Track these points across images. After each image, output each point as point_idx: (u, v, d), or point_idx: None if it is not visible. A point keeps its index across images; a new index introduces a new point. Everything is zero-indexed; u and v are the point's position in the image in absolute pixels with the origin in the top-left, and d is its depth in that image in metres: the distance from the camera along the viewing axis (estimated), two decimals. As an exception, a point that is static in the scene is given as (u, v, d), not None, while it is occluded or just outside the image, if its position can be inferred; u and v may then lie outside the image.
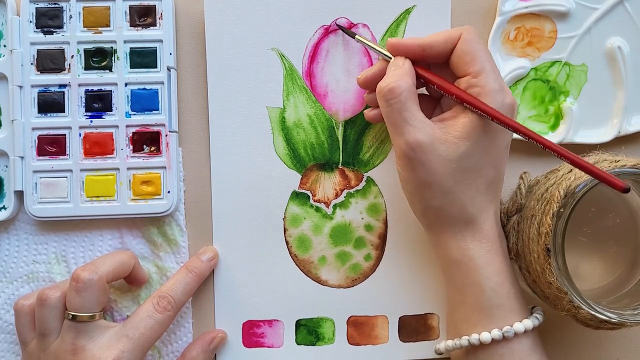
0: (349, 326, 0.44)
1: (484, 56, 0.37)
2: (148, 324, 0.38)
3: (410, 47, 0.38)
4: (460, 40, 0.37)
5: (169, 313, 0.39)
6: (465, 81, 0.37)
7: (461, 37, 0.37)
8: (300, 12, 0.43)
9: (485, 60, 0.37)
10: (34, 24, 0.42)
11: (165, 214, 0.43)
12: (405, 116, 0.36)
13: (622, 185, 0.32)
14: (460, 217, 0.38)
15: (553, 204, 0.36)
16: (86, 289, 0.38)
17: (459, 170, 0.36)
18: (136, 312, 0.39)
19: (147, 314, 0.39)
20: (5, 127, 0.43)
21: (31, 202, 0.42)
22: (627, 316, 0.36)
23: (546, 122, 0.44)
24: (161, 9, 0.42)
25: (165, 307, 0.39)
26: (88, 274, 0.38)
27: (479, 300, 0.37)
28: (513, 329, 0.36)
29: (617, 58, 0.43)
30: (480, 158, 0.37)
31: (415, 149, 0.36)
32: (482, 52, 0.37)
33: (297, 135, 0.44)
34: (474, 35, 0.37)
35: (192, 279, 0.41)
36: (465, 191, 0.37)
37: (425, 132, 0.36)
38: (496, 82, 0.36)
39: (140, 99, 0.43)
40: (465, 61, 0.37)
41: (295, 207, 0.44)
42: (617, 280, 0.40)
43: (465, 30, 0.37)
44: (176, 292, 0.40)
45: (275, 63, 0.44)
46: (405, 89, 0.36)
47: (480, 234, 0.38)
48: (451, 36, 0.37)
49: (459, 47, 0.37)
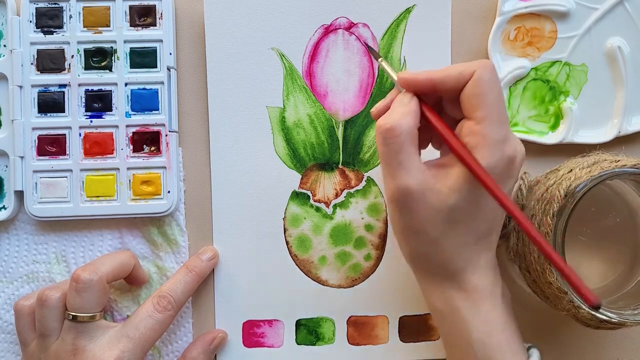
0: (349, 326, 0.44)
1: (492, 100, 0.34)
2: (148, 324, 0.38)
3: (421, 82, 0.35)
4: (471, 79, 0.34)
5: (169, 312, 0.39)
6: (468, 126, 0.34)
7: (474, 76, 0.34)
8: (300, 11, 0.43)
9: (492, 106, 0.34)
10: (34, 24, 0.42)
11: (165, 214, 0.43)
12: (400, 159, 0.34)
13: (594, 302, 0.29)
14: (446, 267, 0.36)
15: (553, 204, 0.36)
16: (86, 289, 0.38)
17: (448, 222, 0.34)
18: (136, 312, 0.39)
19: (147, 314, 0.39)
20: (5, 127, 0.43)
21: (31, 202, 0.42)
22: (627, 316, 0.36)
23: (546, 122, 0.44)
24: (161, 9, 0.42)
25: (166, 307, 0.39)
26: (88, 274, 0.38)
27: (468, 352, 0.36)
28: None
29: (617, 58, 0.43)
30: (471, 212, 0.35)
31: (405, 195, 0.34)
32: (491, 96, 0.34)
33: (297, 135, 0.44)
34: (487, 73, 0.34)
35: (192, 278, 0.41)
36: (452, 243, 0.35)
37: (418, 178, 0.34)
38: (499, 132, 0.33)
39: (140, 98, 0.43)
40: (471, 104, 0.34)
41: (295, 207, 0.44)
42: (617, 280, 0.40)
43: (481, 67, 0.34)
44: (176, 292, 0.40)
45: (275, 63, 0.44)
46: (405, 130, 0.34)
47: (467, 285, 0.36)
48: (464, 72, 0.34)
49: (469, 87, 0.34)
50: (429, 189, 0.34)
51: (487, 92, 0.34)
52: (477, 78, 0.34)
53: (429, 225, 0.35)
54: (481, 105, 0.33)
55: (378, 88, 0.44)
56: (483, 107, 0.33)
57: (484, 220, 0.35)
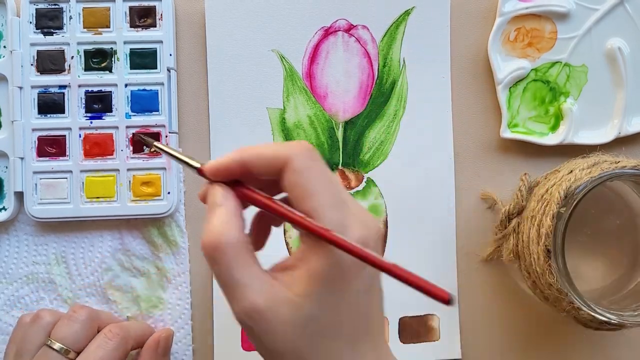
0: (349, 327, 0.44)
1: (318, 187, 0.29)
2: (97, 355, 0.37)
3: (232, 169, 0.30)
4: (287, 170, 0.29)
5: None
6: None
7: (288, 165, 0.29)
8: (300, 13, 0.43)
9: (320, 194, 0.29)
10: (34, 25, 0.42)
11: (165, 214, 0.43)
12: (236, 277, 0.28)
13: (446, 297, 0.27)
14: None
15: (553, 205, 0.36)
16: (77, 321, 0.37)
17: (311, 335, 0.29)
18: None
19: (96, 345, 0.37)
20: (5, 128, 0.43)
21: (31, 203, 0.42)
22: (627, 317, 0.36)
23: (546, 122, 0.44)
24: (161, 9, 0.42)
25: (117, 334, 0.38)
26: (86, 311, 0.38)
27: None
28: None
29: (617, 59, 0.43)
30: (332, 316, 0.29)
31: (253, 317, 0.28)
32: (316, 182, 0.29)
33: (297, 136, 0.44)
34: (303, 159, 0.29)
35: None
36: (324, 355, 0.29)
37: (263, 293, 0.28)
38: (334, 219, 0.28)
39: (140, 99, 0.43)
40: (296, 195, 0.29)
41: (295, 208, 0.44)
42: (617, 281, 0.40)
43: (295, 155, 0.29)
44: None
45: (276, 64, 0.44)
46: (231, 242, 0.28)
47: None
48: (277, 158, 0.29)
49: (288, 178, 0.29)
50: (279, 302, 0.28)
51: (308, 180, 0.29)
52: (294, 168, 0.29)
53: (290, 343, 0.29)
54: (307, 196, 0.29)
55: (378, 89, 0.44)
56: (309, 197, 0.28)
57: (351, 320, 0.29)
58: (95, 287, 0.43)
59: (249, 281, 0.28)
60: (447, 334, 0.44)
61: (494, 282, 0.45)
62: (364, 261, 0.27)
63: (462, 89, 0.45)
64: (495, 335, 0.45)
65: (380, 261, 0.27)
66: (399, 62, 0.44)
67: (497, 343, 0.45)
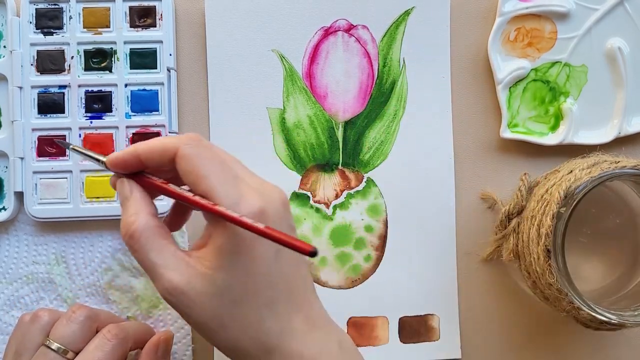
0: (349, 327, 0.44)
1: (208, 169, 0.31)
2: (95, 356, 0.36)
3: (128, 160, 0.33)
4: (177, 159, 0.31)
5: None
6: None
7: (177, 155, 0.31)
8: (300, 13, 0.43)
9: (211, 175, 0.31)
10: (33, 25, 0.42)
11: (165, 214, 0.43)
12: (153, 259, 0.31)
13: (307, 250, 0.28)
14: (257, 350, 0.32)
15: (553, 205, 0.36)
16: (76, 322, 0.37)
17: (228, 304, 0.31)
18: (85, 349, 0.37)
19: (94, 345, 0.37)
20: (5, 128, 0.43)
21: (31, 203, 0.42)
22: (627, 317, 0.36)
23: (546, 122, 0.44)
24: (161, 9, 0.42)
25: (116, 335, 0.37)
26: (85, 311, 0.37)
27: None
28: None
29: (617, 59, 0.43)
30: (245, 284, 0.31)
31: (173, 293, 0.31)
32: (206, 165, 0.31)
33: (297, 136, 0.44)
34: (191, 147, 0.31)
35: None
36: (247, 323, 0.31)
37: (179, 271, 0.31)
38: (229, 195, 0.30)
39: (140, 99, 0.43)
40: (190, 181, 0.31)
41: (295, 207, 0.44)
42: (618, 281, 0.40)
43: (182, 144, 0.31)
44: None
45: (276, 64, 0.44)
46: (143, 229, 0.31)
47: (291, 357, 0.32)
48: (166, 149, 0.32)
49: (180, 167, 0.31)
50: (194, 277, 0.31)
51: (197, 164, 0.31)
52: (182, 155, 0.31)
53: (212, 315, 0.31)
54: (199, 179, 0.31)
55: (377, 89, 0.44)
56: (202, 180, 0.31)
57: (264, 286, 0.31)
58: (95, 287, 0.43)
59: (165, 262, 0.31)
60: (447, 334, 0.44)
61: (494, 282, 0.45)
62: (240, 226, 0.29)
63: (462, 89, 0.45)
64: (495, 335, 0.45)
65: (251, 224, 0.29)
66: (398, 62, 0.44)
67: (497, 343, 0.45)
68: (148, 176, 0.33)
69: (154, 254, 0.31)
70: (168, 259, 0.31)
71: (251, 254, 0.31)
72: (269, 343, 0.32)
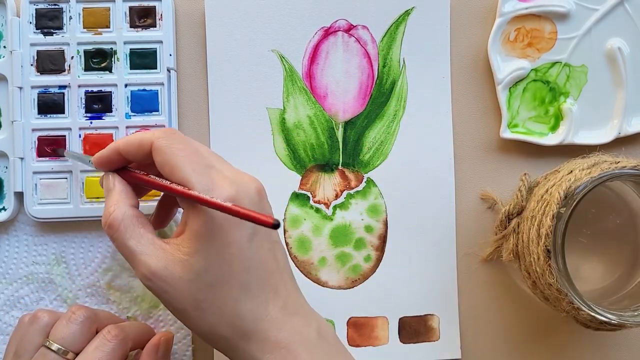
0: (349, 327, 0.44)
1: (181, 160, 0.33)
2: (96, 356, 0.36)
3: (110, 156, 0.35)
4: (152, 153, 0.33)
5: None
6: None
7: (153, 148, 0.33)
8: (300, 14, 0.43)
9: (183, 165, 0.32)
10: (33, 25, 0.42)
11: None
12: (131, 246, 0.33)
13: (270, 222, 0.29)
14: (235, 335, 0.33)
15: (553, 205, 0.36)
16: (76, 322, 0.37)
17: (205, 288, 0.32)
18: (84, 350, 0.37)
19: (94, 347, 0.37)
20: (5, 128, 0.43)
21: (31, 203, 0.42)
22: (627, 317, 0.36)
23: (546, 123, 0.44)
24: (161, 9, 0.42)
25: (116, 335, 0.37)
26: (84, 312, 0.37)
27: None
28: None
29: (617, 59, 0.43)
30: (220, 268, 0.32)
31: (151, 279, 0.32)
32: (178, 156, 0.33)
33: (297, 136, 0.44)
34: (164, 140, 0.33)
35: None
36: (223, 307, 0.32)
37: (157, 257, 0.32)
38: (201, 182, 0.32)
39: (140, 100, 0.43)
40: (166, 173, 0.33)
41: (295, 208, 0.44)
42: (617, 281, 0.40)
43: (156, 138, 0.33)
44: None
45: (276, 64, 0.44)
46: (121, 218, 0.33)
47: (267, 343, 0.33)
48: (142, 142, 0.34)
49: (155, 160, 0.33)
50: (171, 263, 0.32)
51: (172, 156, 0.33)
52: (156, 148, 0.33)
53: (189, 299, 0.32)
54: (174, 170, 0.33)
55: (377, 89, 0.44)
56: (176, 170, 0.32)
57: (240, 270, 0.33)
58: (95, 288, 0.43)
59: (143, 249, 0.33)
60: (447, 334, 0.44)
61: (494, 282, 0.45)
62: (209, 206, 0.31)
63: (462, 89, 0.45)
64: (495, 335, 0.45)
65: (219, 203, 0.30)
66: (398, 62, 0.44)
67: (497, 343, 0.45)
68: (131, 170, 0.36)
69: (132, 242, 0.33)
70: (146, 246, 0.33)
71: (226, 238, 0.32)
72: (245, 328, 0.33)
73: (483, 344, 0.45)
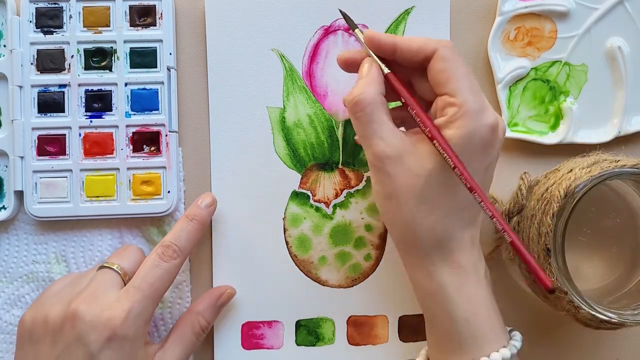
0: (349, 326, 0.44)
1: (461, 73, 0.34)
2: (156, 274, 0.38)
3: (383, 43, 0.36)
4: (434, 57, 0.34)
5: (175, 261, 0.38)
6: (442, 100, 0.35)
7: (436, 54, 0.34)
8: (300, 13, 0.43)
9: (462, 78, 0.34)
10: (33, 24, 0.42)
11: (165, 213, 0.43)
12: (372, 128, 0.35)
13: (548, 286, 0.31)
14: (428, 239, 0.35)
15: (553, 204, 0.36)
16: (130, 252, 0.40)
17: (427, 188, 0.34)
18: (142, 265, 0.38)
19: (153, 265, 0.38)
20: (5, 127, 0.43)
21: (31, 202, 0.42)
22: (627, 316, 0.36)
23: (546, 122, 0.44)
24: (161, 8, 0.42)
25: (171, 256, 0.38)
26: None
27: (450, 331, 0.35)
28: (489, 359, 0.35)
29: (617, 58, 0.43)
30: (451, 178, 0.34)
31: (382, 160, 0.35)
32: (460, 69, 0.34)
33: (297, 135, 0.44)
34: (450, 51, 0.34)
35: (194, 226, 0.40)
36: (433, 212, 0.35)
37: (394, 144, 0.35)
38: (475, 102, 0.34)
39: (140, 99, 0.43)
40: (440, 80, 0.34)
41: (295, 207, 0.44)
42: (617, 280, 0.40)
43: (442, 46, 0.34)
44: (180, 240, 0.39)
45: (276, 63, 0.44)
46: (371, 100, 0.35)
47: (451, 260, 0.35)
48: (425, 47, 0.35)
49: (435, 66, 0.35)
50: (406, 153, 0.34)
51: (453, 67, 0.34)
52: (440, 56, 0.34)
53: (408, 190, 0.34)
54: (451, 78, 0.34)
55: (378, 88, 0.44)
56: (453, 80, 0.34)
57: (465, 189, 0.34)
58: (95, 286, 0.43)
59: (383, 134, 0.35)
60: (447, 333, 0.44)
61: (494, 281, 0.44)
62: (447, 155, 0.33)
63: (462, 88, 0.45)
64: (495, 334, 0.45)
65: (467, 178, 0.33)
66: (399, 61, 0.44)
67: (497, 342, 0.45)
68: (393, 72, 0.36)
69: (375, 125, 0.35)
70: (386, 131, 0.35)
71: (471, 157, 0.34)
72: (441, 238, 0.35)
73: (483, 343, 0.45)
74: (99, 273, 0.39)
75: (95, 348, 0.35)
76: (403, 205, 0.35)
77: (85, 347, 0.35)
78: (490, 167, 0.36)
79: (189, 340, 0.40)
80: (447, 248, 0.35)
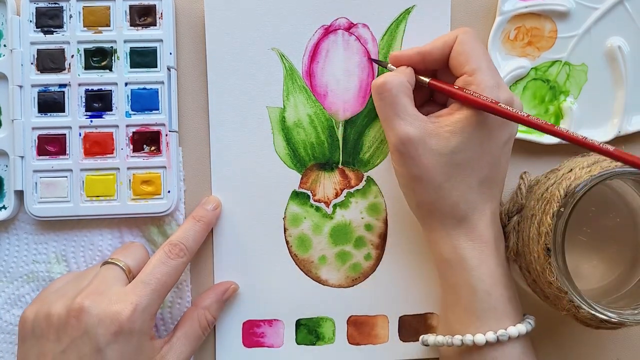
0: (349, 326, 0.44)
1: (478, 54, 0.37)
2: (163, 270, 0.38)
3: (411, 57, 0.40)
4: (455, 42, 0.38)
5: (181, 259, 0.39)
6: (461, 80, 0.38)
7: (457, 39, 0.38)
8: (300, 12, 0.43)
9: (479, 58, 0.37)
10: (34, 24, 0.42)
11: (165, 213, 0.43)
12: (396, 110, 0.37)
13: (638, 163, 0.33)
14: (452, 214, 0.38)
15: (553, 204, 0.36)
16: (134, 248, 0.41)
17: (451, 165, 0.37)
18: (148, 262, 0.39)
19: (160, 262, 0.38)
20: (5, 126, 0.43)
21: (31, 202, 0.42)
22: (627, 316, 0.36)
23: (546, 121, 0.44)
24: (161, 8, 0.42)
25: (178, 254, 0.39)
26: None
27: (471, 302, 0.37)
28: (507, 332, 0.37)
29: (617, 58, 0.43)
30: (473, 154, 0.37)
31: (405, 143, 0.37)
32: (477, 51, 0.38)
33: (297, 135, 0.44)
34: (469, 35, 0.38)
35: (200, 227, 0.41)
36: (457, 187, 0.37)
37: (416, 126, 0.37)
38: (492, 78, 0.37)
39: (140, 98, 0.43)
40: (460, 61, 0.38)
41: (295, 206, 0.44)
42: (617, 279, 0.40)
43: (462, 32, 0.38)
44: (187, 240, 0.40)
45: (276, 63, 0.44)
46: (397, 83, 0.37)
47: (473, 233, 0.38)
48: (448, 40, 0.38)
49: (455, 49, 0.38)
50: (428, 134, 0.37)
51: (471, 48, 0.37)
52: (461, 40, 0.38)
53: (432, 170, 0.37)
54: (469, 59, 0.37)
55: (378, 88, 0.44)
56: (471, 60, 0.37)
57: (486, 163, 0.37)
58: (95, 286, 0.43)
59: (405, 116, 0.37)
60: (447, 333, 0.44)
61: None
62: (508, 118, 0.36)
63: (462, 87, 0.45)
64: (495, 334, 0.45)
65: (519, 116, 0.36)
66: (399, 60, 0.44)
67: (497, 342, 0.45)
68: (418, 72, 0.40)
69: (398, 107, 0.37)
70: (408, 114, 0.37)
71: (490, 133, 0.37)
72: (464, 212, 0.38)
73: (483, 343, 0.45)
74: (103, 269, 0.39)
75: (102, 342, 0.35)
76: (428, 184, 0.37)
77: (92, 341, 0.35)
78: (509, 142, 0.38)
79: (196, 335, 0.40)
80: (470, 222, 0.38)
